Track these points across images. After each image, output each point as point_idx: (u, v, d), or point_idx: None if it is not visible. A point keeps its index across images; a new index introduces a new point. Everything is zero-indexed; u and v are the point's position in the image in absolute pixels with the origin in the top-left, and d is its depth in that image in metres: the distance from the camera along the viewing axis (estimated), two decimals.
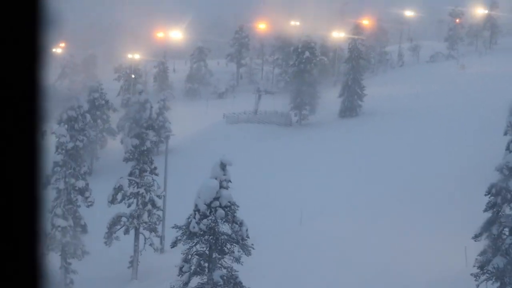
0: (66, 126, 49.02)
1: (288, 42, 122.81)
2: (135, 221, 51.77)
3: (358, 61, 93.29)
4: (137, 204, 51.92)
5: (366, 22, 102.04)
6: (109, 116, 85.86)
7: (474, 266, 39.09)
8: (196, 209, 26.55)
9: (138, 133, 51.29)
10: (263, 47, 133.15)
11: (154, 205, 52.43)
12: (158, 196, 52.35)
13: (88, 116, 50.21)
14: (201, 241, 26.16)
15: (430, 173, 67.09)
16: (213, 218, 26.18)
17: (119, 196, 51.73)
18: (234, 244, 26.64)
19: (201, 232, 26.07)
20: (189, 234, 25.92)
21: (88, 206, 50.31)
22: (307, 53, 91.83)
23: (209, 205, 26.44)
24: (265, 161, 79.59)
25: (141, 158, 51.62)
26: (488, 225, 38.11)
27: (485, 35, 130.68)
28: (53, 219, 48.79)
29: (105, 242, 51.62)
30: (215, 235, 26.22)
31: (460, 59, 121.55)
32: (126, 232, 51.90)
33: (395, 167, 70.60)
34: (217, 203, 26.74)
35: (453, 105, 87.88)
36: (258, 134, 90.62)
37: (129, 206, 53.09)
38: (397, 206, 60.85)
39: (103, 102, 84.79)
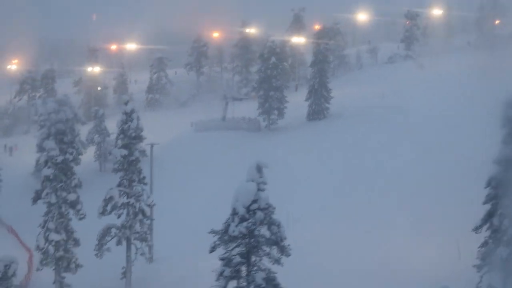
0: (54, 140, 48.44)
1: (246, 49, 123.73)
2: (127, 231, 51.35)
3: (324, 64, 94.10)
4: (128, 214, 51.51)
5: (324, 26, 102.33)
6: (79, 129, 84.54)
7: (476, 258, 39.89)
8: (235, 213, 26.62)
9: (126, 143, 50.88)
10: (221, 54, 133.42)
11: (144, 214, 52.11)
12: (149, 205, 52.03)
13: (77, 128, 49.57)
14: (241, 244, 26.29)
15: (404, 170, 68.09)
16: (253, 220, 26.32)
17: (109, 207, 51.20)
18: (273, 246, 26.80)
19: (241, 236, 26.20)
20: (228, 238, 26.01)
21: (80, 219, 49.70)
22: (273, 59, 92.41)
23: (248, 208, 26.58)
24: (238, 167, 79.37)
25: (130, 168, 51.28)
26: (488, 217, 38.90)
27: (440, 35, 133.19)
28: (46, 234, 48.13)
29: (96, 254, 51.06)
30: (255, 237, 26.35)
31: (418, 59, 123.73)
32: (119, 243, 51.44)
33: (369, 166, 71.44)
34: (255, 205, 26.90)
35: (417, 102, 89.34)
36: (228, 140, 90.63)
37: (119, 216, 52.71)
38: (376, 205, 61.68)
39: (72, 115, 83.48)
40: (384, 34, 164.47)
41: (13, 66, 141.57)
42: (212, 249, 26.59)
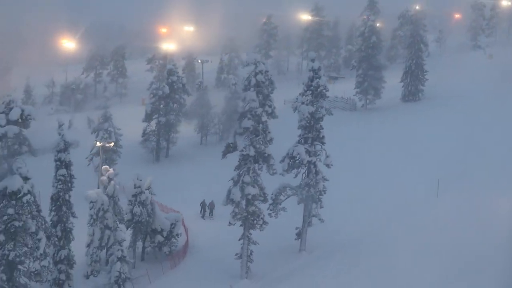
0: (255, 91, 47.62)
1: (317, 33, 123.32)
2: (304, 191, 50.66)
3: (420, 46, 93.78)
4: (309, 173, 50.79)
5: (421, 8, 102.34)
6: (185, 99, 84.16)
7: None
8: None
9: (313, 100, 50.13)
10: (289, 38, 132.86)
11: (321, 174, 51.44)
12: (327, 165, 51.22)
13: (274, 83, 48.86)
14: None
15: None
16: None
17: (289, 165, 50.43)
18: None
19: None
20: None
21: (271, 174, 48.85)
22: (374, 38, 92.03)
23: None
24: (352, 145, 78.29)
25: (315, 126, 50.55)
26: None
27: (505, 26, 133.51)
28: (242, 187, 47.35)
29: (270, 214, 50.26)
30: None
31: (486, 49, 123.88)
32: (301, 201, 50.80)
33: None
34: None
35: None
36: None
37: (296, 175, 52.05)
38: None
39: (181, 85, 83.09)
40: (448, 24, 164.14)
41: (70, 44, 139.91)
42: None
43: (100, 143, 59.75)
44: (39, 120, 42.82)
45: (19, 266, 39.54)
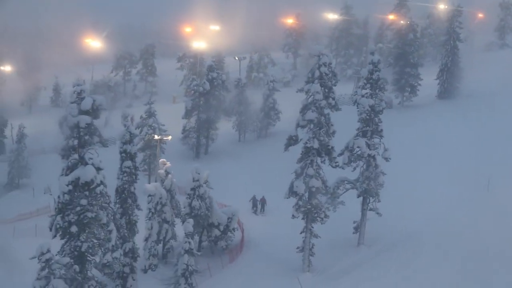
0: (319, 83, 47.10)
1: (347, 31, 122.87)
2: (365, 184, 50.21)
3: (456, 43, 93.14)
4: (367, 167, 50.35)
5: (458, 6, 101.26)
6: (225, 96, 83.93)
7: None
8: None
9: (372, 93, 49.68)
10: (317, 37, 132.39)
11: (379, 168, 50.99)
12: (386, 159, 50.76)
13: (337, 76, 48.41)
14: None
15: None
16: None
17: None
18: None
19: None
20: None
21: (334, 167, 48.38)
22: (411, 35, 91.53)
23: None
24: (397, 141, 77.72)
25: (373, 119, 50.12)
26: None
27: None
28: (306, 180, 46.96)
29: (327, 208, 49.72)
30: None
31: None
32: (361, 194, 50.32)
33: None
34: None
35: None
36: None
37: (354, 169, 51.68)
38: None
39: (221, 82, 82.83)
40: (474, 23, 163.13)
41: (95, 43, 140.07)
42: None
43: (158, 136, 59.48)
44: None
45: (90, 258, 39.26)
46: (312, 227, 48.44)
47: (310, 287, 45.65)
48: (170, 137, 64.45)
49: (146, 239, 50.48)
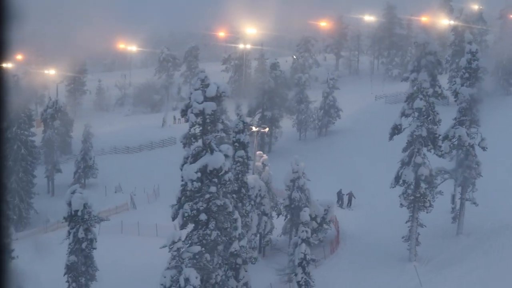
0: (425, 71, 46.85)
1: (390, 32, 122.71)
2: (466, 173, 49.98)
3: None
4: (467, 156, 50.06)
5: None
6: (287, 94, 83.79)
7: None
8: None
9: (472, 83, 49.45)
10: (359, 37, 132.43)
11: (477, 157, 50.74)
12: (483, 148, 50.43)
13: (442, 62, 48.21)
14: None
15: None
16: None
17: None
18: None
19: None
20: None
21: (440, 156, 48.02)
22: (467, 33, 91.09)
23: None
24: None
25: (470, 106, 49.83)
26: None
27: None
28: (415, 169, 46.67)
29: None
30: None
31: None
32: (462, 184, 50.05)
33: None
34: None
35: None
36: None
37: (451, 159, 51.54)
38: None
39: (283, 80, 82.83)
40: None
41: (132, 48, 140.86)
42: None
43: (255, 128, 59.27)
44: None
45: (219, 247, 39.08)
46: (418, 217, 48.12)
47: (420, 277, 45.23)
48: (267, 129, 64.18)
49: (247, 232, 50.16)
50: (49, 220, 66.65)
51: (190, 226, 39.65)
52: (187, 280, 35.20)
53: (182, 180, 39.71)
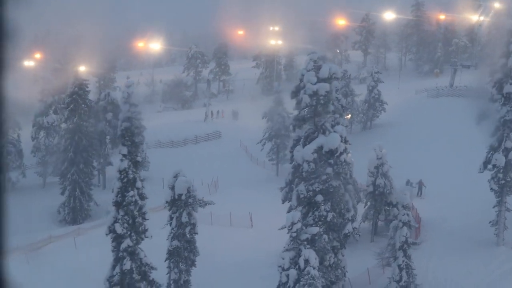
0: None
1: (417, 28, 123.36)
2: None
3: None
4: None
5: None
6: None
7: None
8: None
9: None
10: (386, 34, 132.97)
11: None
12: None
13: None
14: None
15: None
16: None
17: None
18: None
19: None
20: None
21: None
22: None
23: None
24: None
25: None
26: None
27: None
28: (505, 153, 47.04)
29: None
30: None
31: None
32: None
33: None
34: None
35: None
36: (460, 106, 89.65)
37: None
38: None
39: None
40: None
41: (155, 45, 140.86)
42: None
43: None
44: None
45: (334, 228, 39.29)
46: (505, 201, 48.43)
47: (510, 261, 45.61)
48: (349, 116, 64.51)
49: None
50: (110, 212, 66.30)
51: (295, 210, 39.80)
52: (306, 261, 35.37)
53: (293, 162, 39.95)
